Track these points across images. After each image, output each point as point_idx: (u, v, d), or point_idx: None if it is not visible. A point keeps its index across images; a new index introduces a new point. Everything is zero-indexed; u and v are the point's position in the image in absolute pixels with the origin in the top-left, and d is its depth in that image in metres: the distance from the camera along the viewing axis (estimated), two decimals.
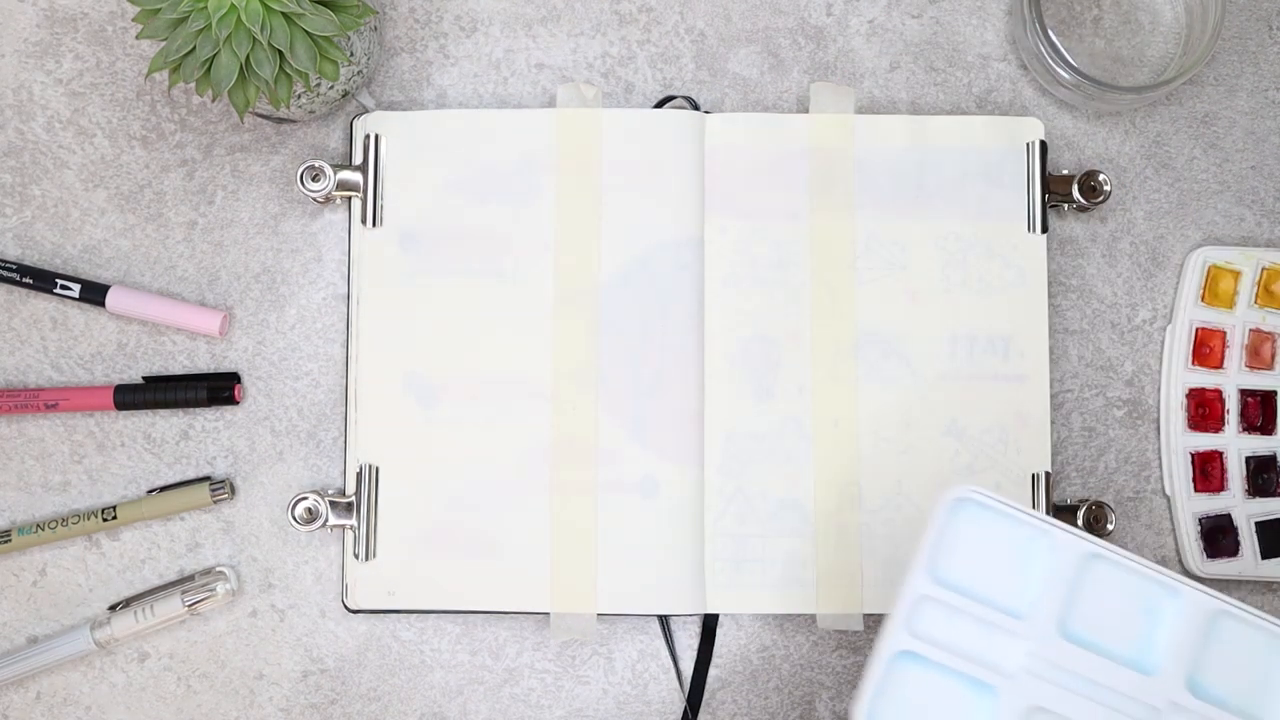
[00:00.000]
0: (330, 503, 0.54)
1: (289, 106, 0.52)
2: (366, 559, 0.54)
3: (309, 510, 0.54)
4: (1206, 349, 0.56)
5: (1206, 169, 0.58)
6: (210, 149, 0.57)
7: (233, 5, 0.47)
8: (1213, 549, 0.55)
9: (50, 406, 0.54)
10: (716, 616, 0.55)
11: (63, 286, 0.55)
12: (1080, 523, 0.54)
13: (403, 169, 0.55)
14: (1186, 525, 0.55)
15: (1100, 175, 0.55)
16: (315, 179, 0.55)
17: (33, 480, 0.56)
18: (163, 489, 0.55)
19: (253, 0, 0.47)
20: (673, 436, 0.54)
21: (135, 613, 0.53)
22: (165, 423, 0.56)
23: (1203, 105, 0.58)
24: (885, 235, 0.55)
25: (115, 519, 0.54)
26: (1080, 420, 0.56)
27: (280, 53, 0.48)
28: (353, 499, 0.54)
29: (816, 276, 0.55)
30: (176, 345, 0.56)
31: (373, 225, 0.55)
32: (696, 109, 0.56)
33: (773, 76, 0.57)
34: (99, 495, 0.56)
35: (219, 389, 0.55)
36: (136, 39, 0.53)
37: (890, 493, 0.54)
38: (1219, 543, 0.55)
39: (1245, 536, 0.55)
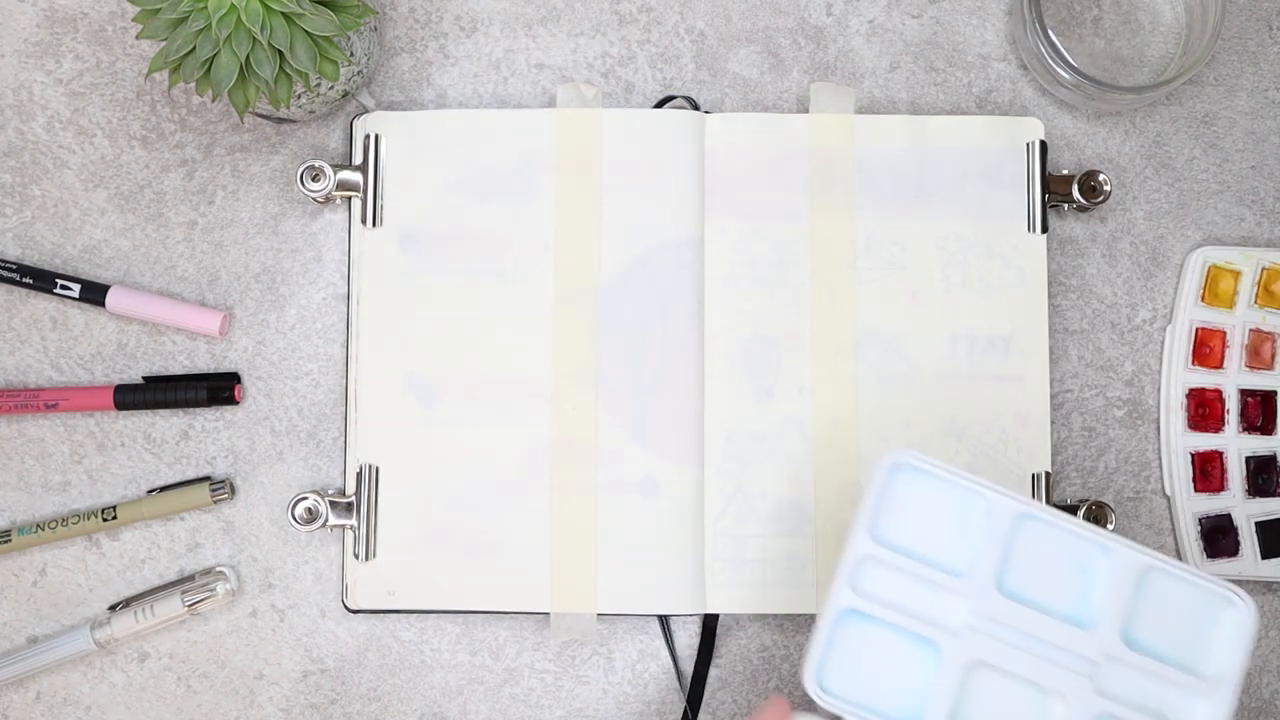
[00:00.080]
0: (330, 503, 0.54)
1: (289, 106, 0.52)
2: (366, 559, 0.54)
3: (309, 510, 0.54)
4: (1206, 349, 0.56)
5: (1206, 169, 0.58)
6: (210, 149, 0.57)
7: (233, 5, 0.47)
8: (1213, 549, 0.55)
9: (50, 406, 0.54)
10: (716, 616, 0.55)
11: (63, 286, 0.55)
12: None
13: (403, 169, 0.55)
14: (1186, 525, 0.55)
15: (1100, 175, 0.55)
16: (315, 179, 0.55)
17: (33, 480, 0.56)
18: (163, 489, 0.55)
19: (253, 0, 0.47)
20: (673, 436, 0.54)
21: (135, 613, 0.53)
22: (165, 423, 0.56)
23: (1203, 105, 0.58)
24: (885, 235, 0.55)
25: (115, 519, 0.54)
26: (1080, 420, 0.56)
27: (280, 53, 0.48)
28: (353, 499, 0.54)
29: (816, 276, 0.55)
30: (176, 345, 0.56)
31: (373, 225, 0.55)
32: (696, 109, 0.56)
33: (773, 76, 0.57)
34: (99, 495, 0.56)
35: (219, 389, 0.55)
36: (136, 39, 0.53)
37: None
38: (1219, 543, 0.55)
39: (1245, 536, 0.55)
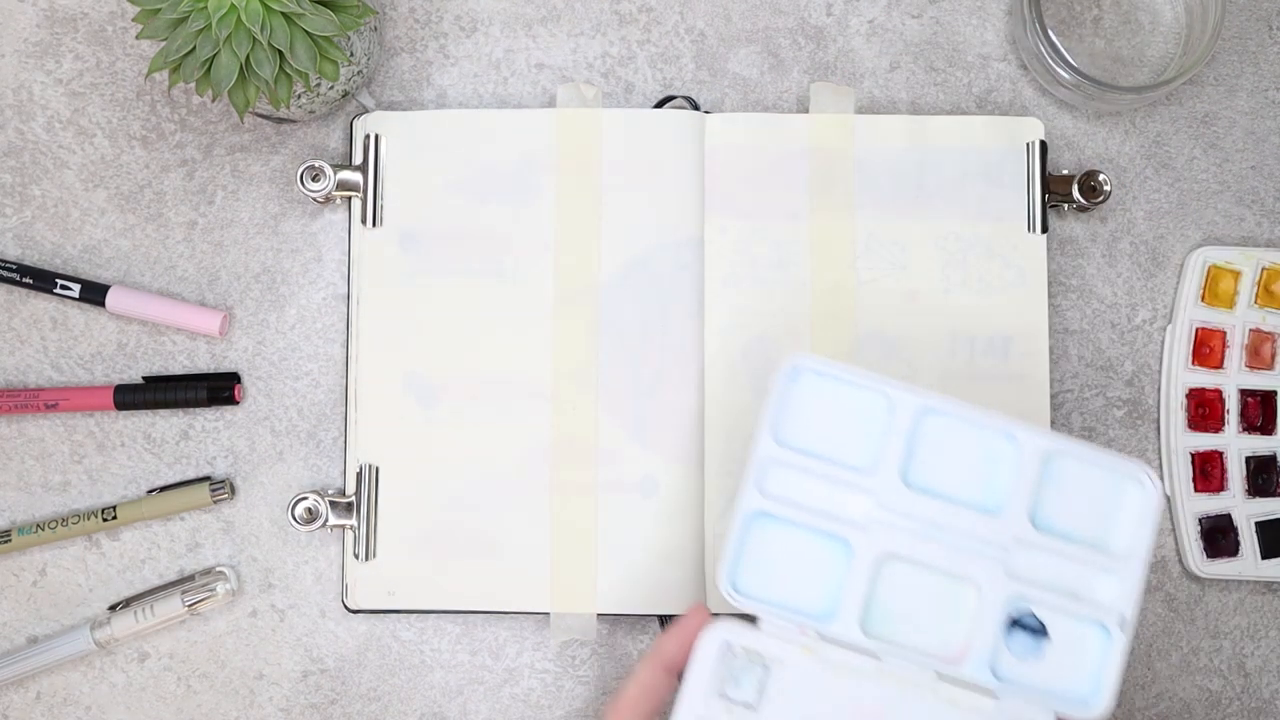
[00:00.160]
0: (330, 503, 0.54)
1: (289, 106, 0.52)
2: (366, 559, 0.54)
3: (309, 510, 0.54)
4: (1206, 349, 0.56)
5: (1206, 169, 0.58)
6: (210, 149, 0.57)
7: (233, 5, 0.47)
8: (1213, 549, 0.55)
9: (50, 406, 0.54)
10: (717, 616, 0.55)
11: (63, 286, 0.55)
12: None
13: (403, 169, 0.55)
14: (1186, 525, 0.55)
15: (1100, 175, 0.55)
16: (315, 179, 0.55)
17: (33, 480, 0.56)
18: (163, 489, 0.55)
19: (253, 0, 0.47)
20: (673, 436, 0.54)
21: (135, 613, 0.53)
22: (165, 423, 0.56)
23: (1203, 105, 0.58)
24: (885, 235, 0.55)
25: (115, 519, 0.54)
26: (1080, 420, 0.56)
27: (280, 53, 0.48)
28: (353, 499, 0.54)
29: (816, 276, 0.55)
30: (176, 345, 0.56)
31: (373, 225, 0.55)
32: (696, 109, 0.56)
33: (773, 76, 0.57)
34: (99, 495, 0.56)
35: (219, 389, 0.55)
36: (136, 39, 0.53)
37: None
38: (1219, 543, 0.55)
39: (1245, 536, 0.55)
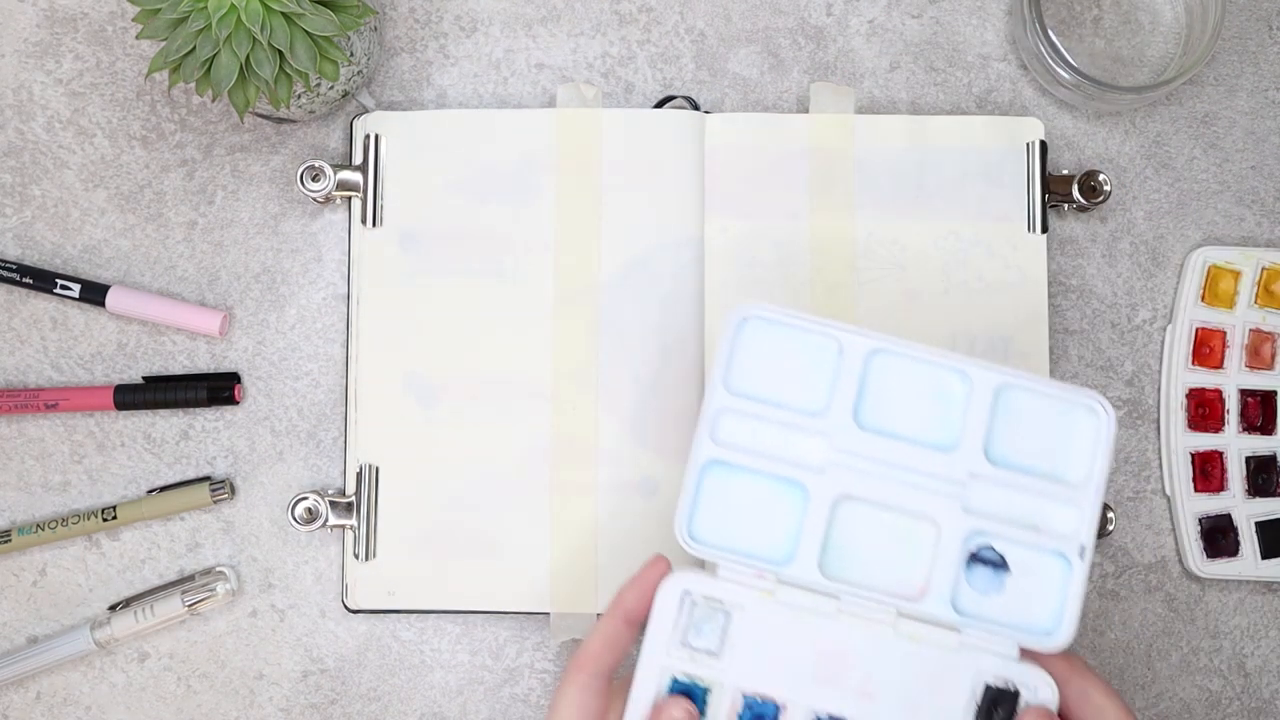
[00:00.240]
0: (330, 503, 0.54)
1: (289, 106, 0.52)
2: (366, 559, 0.54)
3: (309, 510, 0.54)
4: (1206, 349, 0.56)
5: (1206, 169, 0.58)
6: (210, 149, 0.57)
7: (233, 5, 0.47)
8: (1213, 549, 0.55)
9: (50, 406, 0.54)
10: None
11: (63, 286, 0.55)
12: None
13: (403, 169, 0.55)
14: (1186, 525, 0.55)
15: (1100, 175, 0.55)
16: (315, 179, 0.55)
17: (33, 480, 0.56)
18: (163, 489, 0.55)
19: (253, 0, 0.47)
20: (673, 436, 0.54)
21: (135, 613, 0.53)
22: (165, 423, 0.56)
23: (1203, 105, 0.58)
24: (885, 235, 0.55)
25: (115, 519, 0.54)
26: None
27: (280, 53, 0.48)
28: (353, 499, 0.54)
29: (816, 276, 0.55)
30: (176, 345, 0.56)
31: (373, 225, 0.55)
32: (696, 109, 0.56)
33: (773, 76, 0.57)
34: (99, 495, 0.56)
35: (219, 389, 0.55)
36: (136, 39, 0.53)
37: None
38: (1219, 543, 0.55)
39: (1245, 536, 0.55)
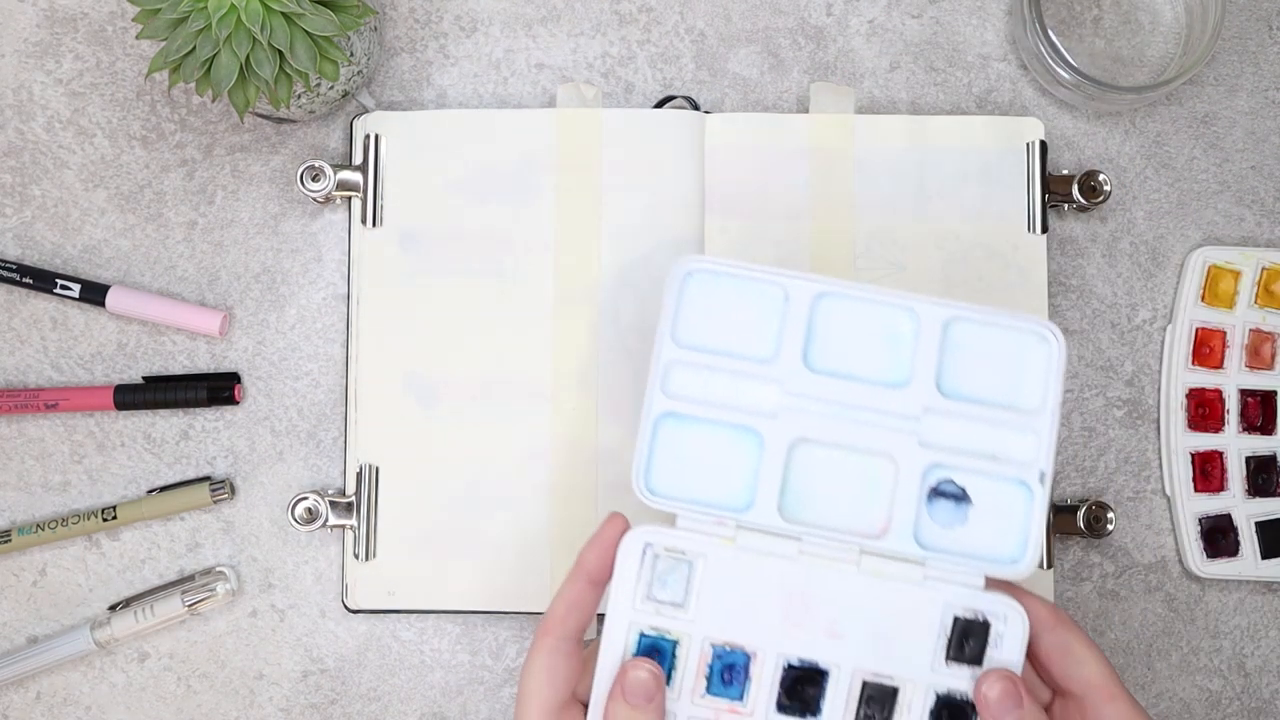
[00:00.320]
0: (330, 503, 0.54)
1: (289, 106, 0.52)
2: (366, 559, 0.54)
3: (309, 510, 0.54)
4: (1206, 349, 0.56)
5: (1206, 169, 0.58)
6: (210, 149, 0.57)
7: (233, 5, 0.47)
8: (1213, 549, 0.55)
9: (50, 406, 0.54)
10: None
11: (63, 286, 0.55)
12: (1080, 523, 0.54)
13: (403, 169, 0.55)
14: (1186, 525, 0.55)
15: (1100, 175, 0.55)
16: (315, 179, 0.55)
17: (33, 480, 0.56)
18: (163, 489, 0.55)
19: (253, 0, 0.47)
20: None
21: (135, 613, 0.53)
22: (165, 423, 0.56)
23: (1203, 105, 0.58)
24: (885, 235, 0.55)
25: (115, 519, 0.54)
26: (1080, 420, 0.56)
27: (280, 53, 0.48)
28: (353, 499, 0.54)
29: None
30: (176, 345, 0.56)
31: (373, 225, 0.55)
32: (696, 109, 0.56)
33: (773, 76, 0.57)
34: (99, 495, 0.56)
35: (219, 389, 0.55)
36: (136, 39, 0.53)
37: None
38: (1219, 543, 0.55)
39: (1245, 536, 0.55)
